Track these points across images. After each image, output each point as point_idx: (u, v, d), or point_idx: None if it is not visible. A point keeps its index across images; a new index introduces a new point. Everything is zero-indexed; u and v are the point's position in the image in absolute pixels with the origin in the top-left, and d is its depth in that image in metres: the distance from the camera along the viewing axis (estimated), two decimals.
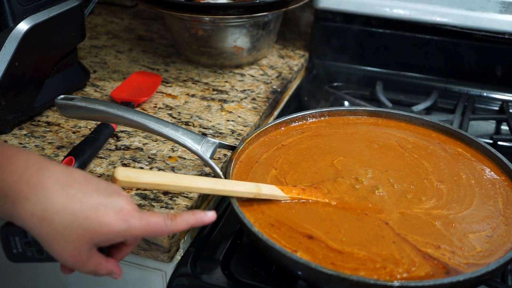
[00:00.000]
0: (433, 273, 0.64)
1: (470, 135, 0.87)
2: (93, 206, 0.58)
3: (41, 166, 0.59)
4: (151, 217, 0.61)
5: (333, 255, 0.66)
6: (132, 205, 0.61)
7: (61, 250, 0.58)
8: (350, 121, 0.93)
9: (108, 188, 0.61)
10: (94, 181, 0.61)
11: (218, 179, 0.73)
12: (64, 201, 0.58)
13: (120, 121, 0.79)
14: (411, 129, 0.91)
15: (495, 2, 1.08)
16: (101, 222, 0.58)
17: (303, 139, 0.88)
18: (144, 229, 0.60)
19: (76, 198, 0.58)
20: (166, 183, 0.67)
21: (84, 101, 0.79)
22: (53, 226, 0.57)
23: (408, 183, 0.79)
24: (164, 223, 0.61)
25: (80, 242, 0.58)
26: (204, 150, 0.78)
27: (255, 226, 0.69)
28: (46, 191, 0.58)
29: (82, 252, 0.59)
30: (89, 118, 0.84)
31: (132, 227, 0.59)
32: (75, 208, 0.58)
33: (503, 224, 0.72)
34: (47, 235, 0.58)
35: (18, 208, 0.57)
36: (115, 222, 0.59)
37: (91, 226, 0.58)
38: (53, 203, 0.57)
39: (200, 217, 0.65)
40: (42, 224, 0.57)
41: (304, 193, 0.75)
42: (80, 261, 0.59)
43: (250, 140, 0.85)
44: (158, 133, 0.78)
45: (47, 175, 0.59)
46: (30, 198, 0.57)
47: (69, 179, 0.59)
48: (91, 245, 0.59)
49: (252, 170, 0.80)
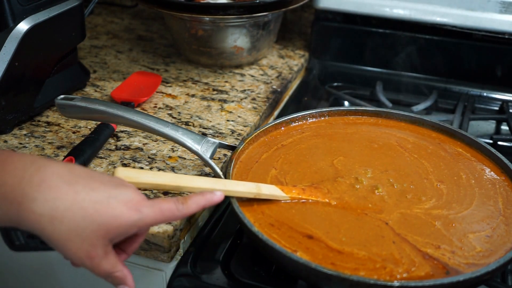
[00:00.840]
0: (433, 273, 0.64)
1: (470, 135, 0.87)
2: (103, 200, 0.57)
3: (40, 165, 0.58)
4: (162, 203, 0.60)
5: (333, 255, 0.66)
6: (140, 194, 0.60)
7: (76, 249, 0.57)
8: (350, 121, 0.93)
9: (112, 181, 0.60)
10: (97, 175, 0.60)
11: (218, 179, 0.74)
12: (73, 197, 0.56)
13: (120, 121, 0.79)
14: (411, 129, 0.91)
15: (495, 2, 1.08)
16: (113, 215, 0.57)
17: (303, 139, 0.88)
18: (158, 216, 0.59)
19: (84, 193, 0.57)
20: (166, 183, 0.67)
21: (84, 101, 0.79)
22: (65, 224, 0.56)
23: (408, 183, 0.79)
24: (176, 208, 0.61)
25: (95, 238, 0.57)
26: (204, 150, 0.78)
27: (255, 226, 0.69)
28: (52, 189, 0.56)
29: (98, 248, 0.57)
30: (89, 118, 0.83)
31: (145, 216, 0.58)
32: (85, 203, 0.56)
33: (503, 224, 0.72)
34: (60, 235, 0.56)
35: (26, 211, 0.55)
36: (127, 213, 0.57)
37: (104, 220, 0.56)
38: (62, 201, 0.56)
39: (210, 197, 0.64)
40: (54, 223, 0.56)
41: (304, 193, 0.75)
42: (97, 259, 0.58)
43: (250, 140, 0.85)
44: (158, 133, 0.78)
45: (50, 173, 0.57)
46: (37, 198, 0.55)
47: (72, 175, 0.58)
48: (106, 241, 0.58)
49: (252, 170, 0.80)
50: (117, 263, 0.60)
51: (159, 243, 0.74)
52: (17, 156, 0.59)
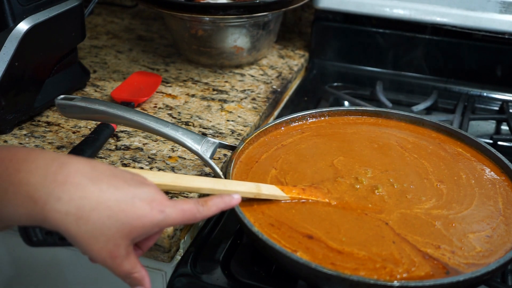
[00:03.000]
0: (433, 273, 0.64)
1: (470, 135, 0.87)
2: (127, 200, 0.56)
3: (62, 162, 0.56)
4: (184, 204, 0.60)
5: (333, 255, 0.66)
6: (161, 193, 0.60)
7: (99, 248, 0.56)
8: (350, 121, 0.93)
9: (134, 179, 0.59)
10: (119, 172, 0.59)
11: (218, 179, 0.74)
12: (98, 196, 0.55)
13: (120, 121, 0.79)
14: (411, 129, 0.91)
15: (495, 2, 1.08)
16: (138, 215, 0.56)
17: (303, 139, 0.88)
18: (180, 217, 0.59)
19: (109, 192, 0.56)
20: (166, 183, 0.67)
21: (84, 101, 0.79)
22: (91, 223, 0.55)
23: (408, 183, 0.79)
24: (196, 210, 0.60)
25: (119, 238, 0.56)
26: (204, 150, 0.78)
27: (255, 226, 0.69)
28: (77, 188, 0.55)
29: (121, 248, 0.57)
30: (89, 118, 0.83)
31: (168, 217, 0.58)
32: (110, 202, 0.56)
33: (503, 224, 0.72)
34: (85, 234, 0.55)
35: (51, 210, 0.54)
36: (151, 213, 0.57)
37: (128, 220, 0.56)
38: (88, 200, 0.55)
39: (229, 200, 0.64)
40: (79, 222, 0.55)
41: (304, 193, 0.75)
42: (119, 259, 0.57)
43: (250, 140, 0.85)
44: (158, 133, 0.78)
45: (73, 171, 0.56)
46: (62, 197, 0.54)
47: (96, 173, 0.57)
48: (129, 241, 0.57)
49: (252, 170, 0.80)
50: (136, 263, 0.59)
51: (159, 243, 0.74)
52: (37, 153, 0.58)
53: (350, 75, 1.21)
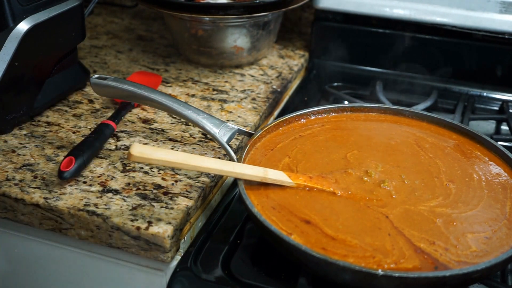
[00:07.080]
0: (420, 267, 0.65)
1: (491, 140, 0.86)
2: None
3: None
4: None
5: (326, 241, 0.68)
6: None
7: None
8: (371, 118, 0.93)
9: None
10: None
11: (227, 161, 0.75)
12: None
13: (146, 101, 0.85)
14: (432, 129, 0.91)
15: (495, 2, 1.08)
16: None
17: (322, 132, 0.89)
18: None
19: None
20: (178, 161, 0.70)
21: (115, 81, 0.86)
22: None
23: (418, 180, 0.79)
24: None
25: None
26: (222, 134, 0.81)
27: (257, 208, 0.71)
28: None
29: None
30: (119, 96, 0.88)
31: None
32: None
33: (506, 227, 0.72)
34: None
35: None
36: None
37: None
38: None
39: None
40: None
41: (310, 181, 0.77)
42: None
43: (269, 129, 0.86)
44: (180, 114, 0.83)
45: None
46: None
47: None
48: None
49: (266, 157, 0.82)
50: None
51: (159, 243, 0.74)
52: None
53: (350, 75, 1.21)
